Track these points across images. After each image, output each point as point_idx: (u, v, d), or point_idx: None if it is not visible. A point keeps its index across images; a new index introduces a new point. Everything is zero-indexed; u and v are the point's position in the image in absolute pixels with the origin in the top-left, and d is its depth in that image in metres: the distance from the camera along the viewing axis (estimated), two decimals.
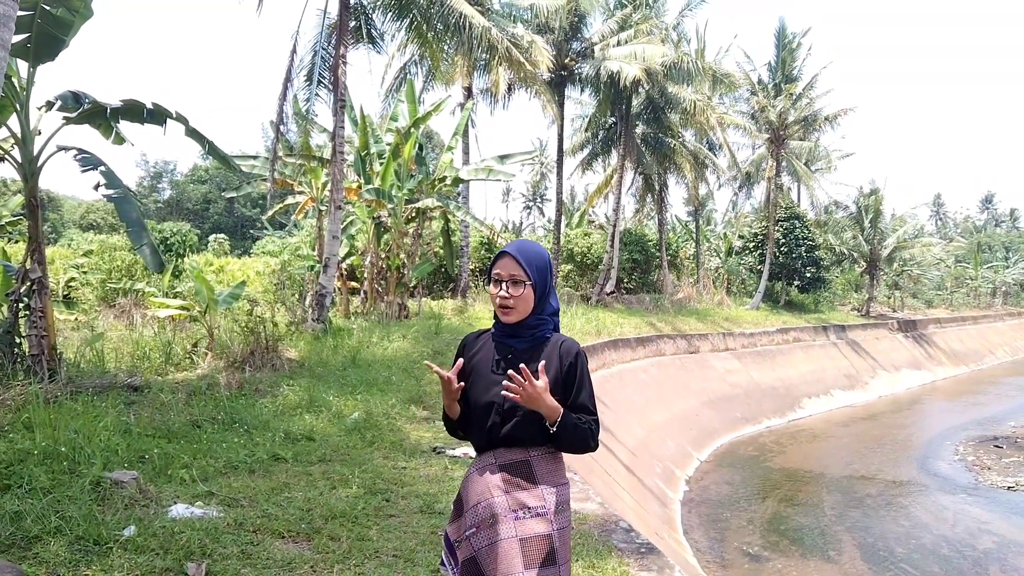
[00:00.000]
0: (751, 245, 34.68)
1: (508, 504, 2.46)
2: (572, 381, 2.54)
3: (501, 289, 2.55)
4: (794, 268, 32.59)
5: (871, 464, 17.34)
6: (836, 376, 27.17)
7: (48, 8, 7.73)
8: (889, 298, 42.59)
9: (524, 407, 2.43)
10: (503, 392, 2.40)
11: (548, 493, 2.50)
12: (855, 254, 38.13)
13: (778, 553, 11.44)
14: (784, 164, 32.75)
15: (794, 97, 31.67)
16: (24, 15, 7.43)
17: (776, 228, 32.18)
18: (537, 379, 2.38)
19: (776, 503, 14.24)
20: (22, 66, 8.24)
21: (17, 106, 8.14)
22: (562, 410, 2.45)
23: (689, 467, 16.33)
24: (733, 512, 13.63)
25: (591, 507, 5.83)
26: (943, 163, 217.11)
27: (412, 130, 17.25)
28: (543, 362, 2.44)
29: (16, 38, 7.08)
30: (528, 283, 2.54)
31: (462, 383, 2.57)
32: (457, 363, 2.59)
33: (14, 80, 8.11)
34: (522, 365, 2.37)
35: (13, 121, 8.25)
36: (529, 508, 2.46)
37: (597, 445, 2.57)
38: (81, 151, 8.33)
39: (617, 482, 11.84)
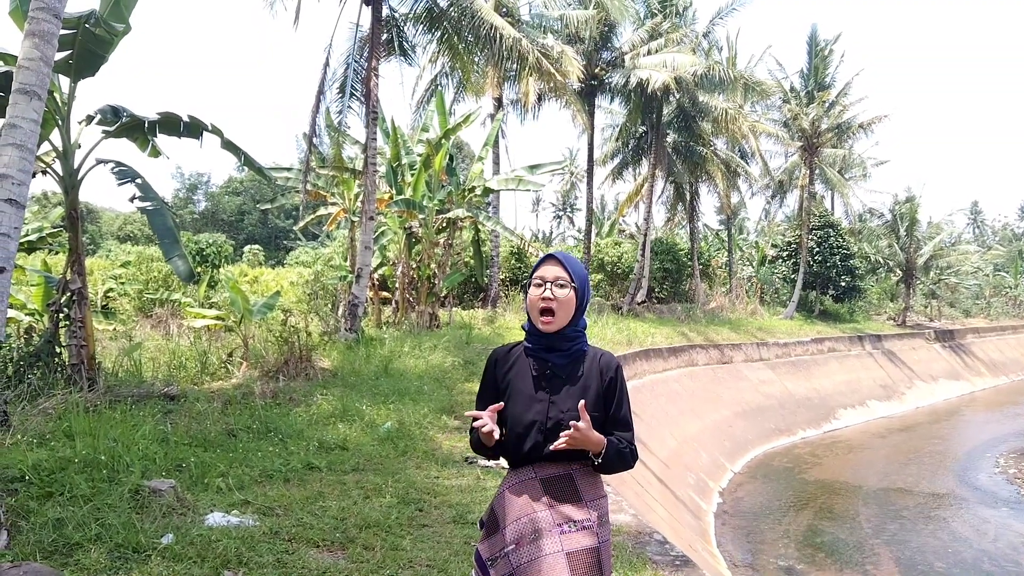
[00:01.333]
0: (784, 254, 34.33)
1: (553, 518, 2.39)
2: (612, 396, 2.51)
3: (545, 290, 2.47)
4: (828, 277, 32.20)
5: (908, 476, 17.03)
6: (872, 387, 26.76)
7: (89, 27, 7.90)
8: (926, 307, 41.91)
9: (566, 426, 2.37)
10: (559, 444, 2.33)
11: (592, 506, 2.45)
12: (890, 263, 37.60)
13: (814, 566, 11.27)
14: (817, 172, 32.42)
15: (827, 104, 31.37)
16: (66, 33, 7.60)
17: (810, 237, 31.84)
18: (579, 420, 2.35)
19: (811, 515, 14.03)
20: (64, 81, 8.43)
21: (59, 120, 8.33)
22: (606, 441, 2.42)
23: (722, 478, 16.17)
24: (767, 524, 13.46)
25: (624, 518, 5.79)
26: (981, 170, 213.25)
27: (443, 141, 17.35)
28: (582, 402, 2.38)
29: (59, 55, 7.25)
30: (572, 286, 2.49)
31: (501, 403, 2.48)
32: (493, 407, 2.46)
33: (56, 95, 8.29)
34: (573, 422, 2.33)
35: (55, 135, 8.44)
36: (575, 521, 2.40)
37: (636, 461, 2.56)
38: (118, 164, 8.49)
39: (649, 493, 11.75)
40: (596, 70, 23.58)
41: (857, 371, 27.19)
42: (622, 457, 2.46)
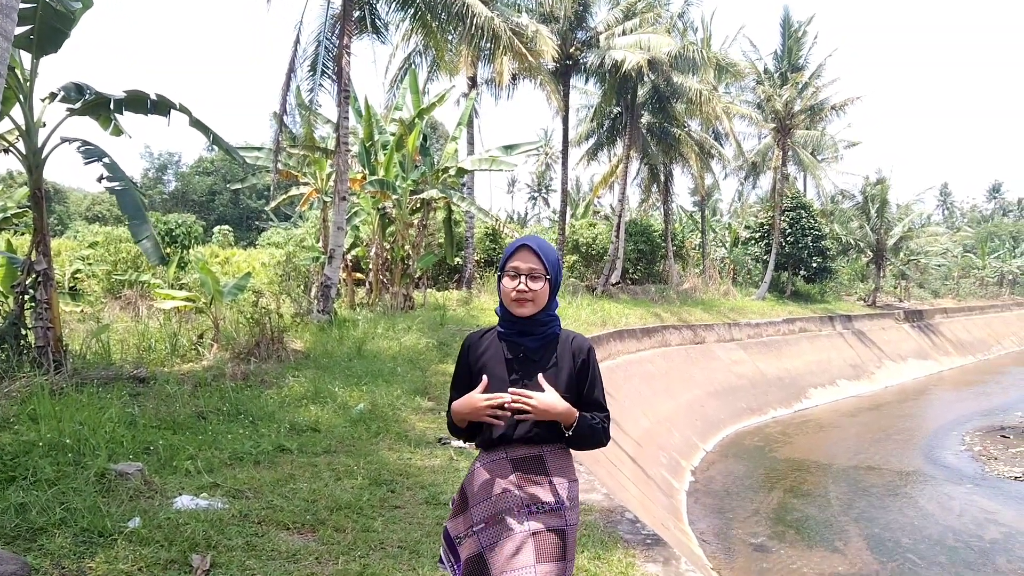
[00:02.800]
0: (757, 235, 34.58)
1: (522, 499, 2.41)
2: (585, 378, 2.53)
3: (519, 283, 2.46)
4: (800, 258, 32.48)
5: (877, 454, 17.30)
6: (842, 366, 27.11)
7: (49, 1, 7.70)
8: (895, 288, 42.49)
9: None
10: (513, 405, 2.35)
11: (561, 488, 2.47)
12: (861, 244, 38.02)
13: (784, 543, 11.43)
14: (790, 154, 32.60)
15: (800, 86, 31.49)
16: (26, 7, 7.41)
17: (782, 218, 32.07)
18: (543, 390, 2.38)
19: (782, 493, 14.22)
20: (25, 58, 8.22)
21: (21, 97, 8.14)
22: (578, 414, 2.44)
23: (695, 458, 16.32)
24: (739, 502, 13.62)
25: (596, 498, 5.81)
26: (950, 152, 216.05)
27: (416, 120, 17.20)
28: (540, 375, 2.43)
29: (19, 29, 7.07)
30: (547, 277, 2.49)
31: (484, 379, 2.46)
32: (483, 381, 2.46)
33: (17, 72, 8.09)
34: (521, 390, 2.36)
35: (17, 113, 8.25)
36: (543, 503, 2.42)
37: (608, 440, 2.57)
38: (85, 143, 8.33)
39: (623, 473, 11.83)
40: (571, 50, 23.46)
41: (828, 351, 27.52)
42: (594, 432, 2.48)
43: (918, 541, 11.64)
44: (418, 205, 17.56)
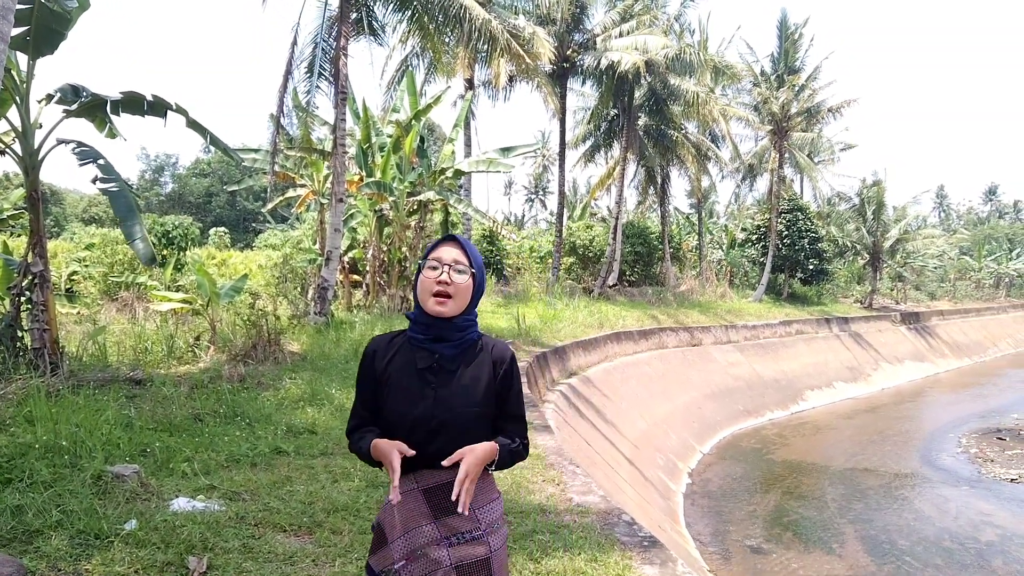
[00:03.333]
0: (754, 237, 34.62)
1: (439, 531, 2.23)
2: (507, 389, 2.34)
3: (442, 272, 2.26)
4: (797, 260, 32.53)
5: (874, 457, 17.32)
6: (839, 368, 27.13)
7: (45, 2, 7.69)
8: (892, 290, 42.54)
9: (454, 424, 2.22)
10: (451, 460, 2.16)
11: (480, 513, 2.28)
12: (858, 246, 38.06)
13: (781, 546, 11.44)
14: (787, 156, 32.65)
15: (797, 88, 31.55)
16: (23, 8, 7.40)
17: (779, 220, 32.11)
18: (468, 423, 2.24)
19: (779, 496, 14.23)
20: (22, 59, 8.21)
21: (17, 99, 8.13)
22: (498, 449, 2.25)
23: (692, 460, 16.32)
24: (736, 504, 13.62)
25: (593, 500, 5.81)
26: (946, 155, 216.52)
27: (413, 122, 17.20)
28: (460, 455, 2.18)
29: (15, 31, 7.06)
30: (471, 272, 2.30)
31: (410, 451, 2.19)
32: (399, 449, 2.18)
33: (14, 73, 8.08)
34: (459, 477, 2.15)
35: (13, 114, 8.25)
36: (462, 533, 2.24)
37: (527, 455, 2.42)
38: (80, 144, 8.31)
39: (619, 475, 11.83)
40: (568, 52, 23.52)
41: (824, 353, 27.54)
42: (514, 456, 2.33)
43: (915, 543, 11.65)
44: (415, 207, 17.56)
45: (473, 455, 2.18)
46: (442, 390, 2.25)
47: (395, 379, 2.28)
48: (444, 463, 2.17)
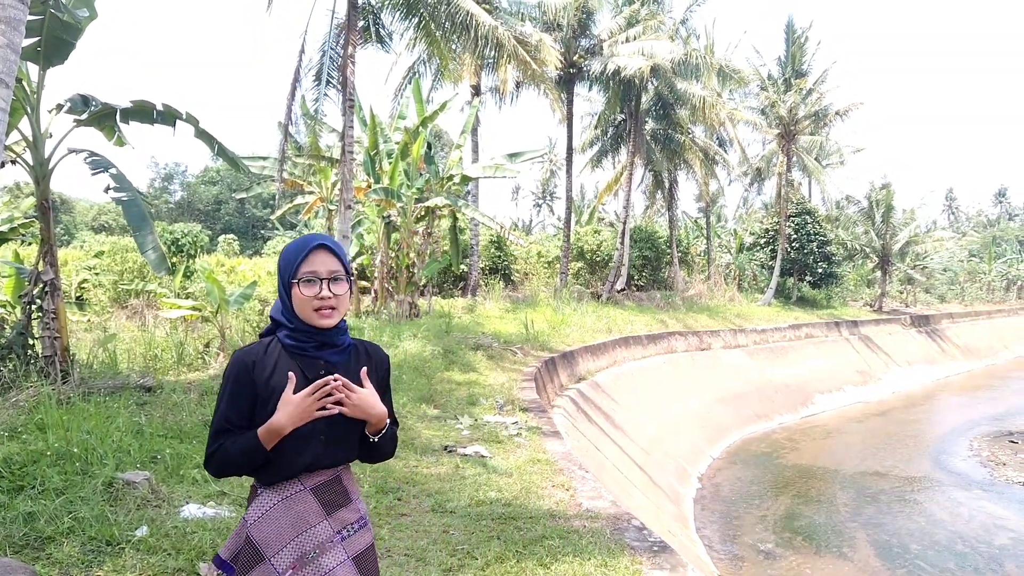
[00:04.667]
0: (762, 241, 34.55)
1: (332, 527, 2.18)
2: (386, 390, 2.31)
3: (321, 289, 2.14)
4: (806, 264, 32.45)
5: (885, 460, 17.24)
6: (849, 372, 27.03)
7: (56, 12, 7.75)
8: (901, 293, 42.37)
9: (348, 429, 2.18)
10: (330, 405, 2.08)
11: (359, 503, 2.29)
12: (867, 249, 37.96)
13: (791, 550, 11.39)
14: (795, 159, 32.60)
15: (804, 92, 31.52)
16: (33, 19, 7.46)
17: (787, 224, 32.04)
18: (362, 386, 2.15)
19: (789, 500, 14.17)
20: (32, 69, 8.28)
21: (28, 109, 8.18)
22: (388, 419, 2.23)
23: (701, 464, 16.28)
24: (746, 509, 13.57)
25: (603, 505, 5.81)
26: (955, 158, 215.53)
27: (420, 129, 17.25)
28: (364, 368, 2.20)
29: (26, 42, 7.11)
30: (349, 278, 2.21)
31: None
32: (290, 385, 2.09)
33: (25, 84, 8.14)
34: (339, 376, 2.10)
35: (24, 124, 8.30)
36: (353, 523, 2.23)
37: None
38: (92, 154, 8.37)
39: (629, 480, 11.81)
40: (575, 58, 23.56)
41: (834, 357, 27.45)
42: (394, 440, 2.31)
43: (926, 547, 11.59)
44: (423, 213, 17.60)
45: (374, 397, 2.17)
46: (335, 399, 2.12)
47: (279, 392, 2.11)
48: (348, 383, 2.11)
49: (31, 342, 8.22)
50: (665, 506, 12.51)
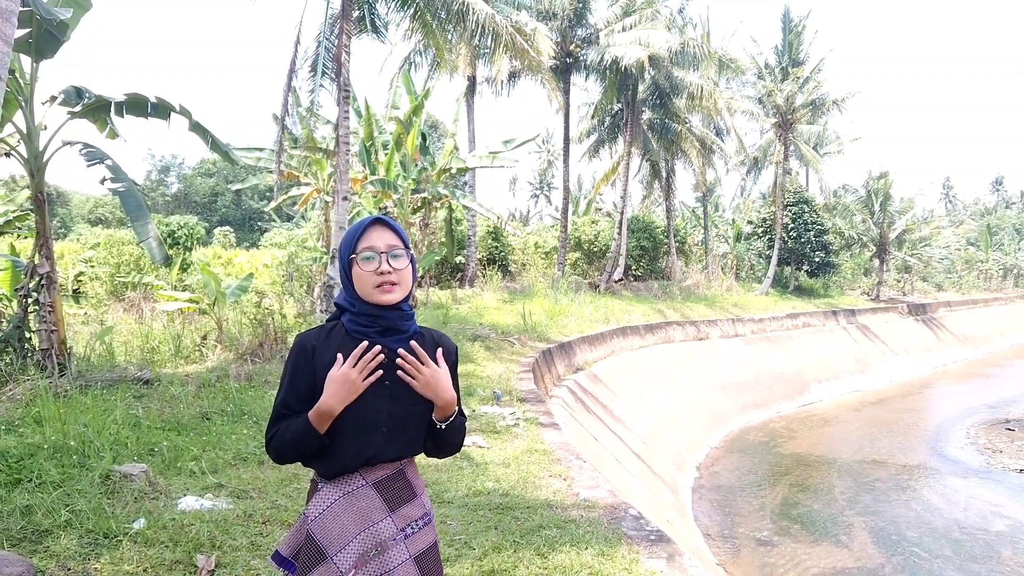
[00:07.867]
0: (760, 230, 34.55)
1: (396, 524, 2.10)
2: (456, 380, 2.21)
3: (380, 264, 2.05)
4: (803, 253, 32.46)
5: (882, 448, 17.28)
6: (846, 361, 27.07)
7: (47, 3, 7.71)
8: (899, 282, 42.42)
9: (411, 420, 2.11)
10: (398, 372, 2.02)
11: (425, 498, 2.21)
12: (864, 238, 37.96)
13: (789, 538, 11.43)
14: (792, 148, 32.57)
15: (801, 81, 31.46)
16: (25, 11, 7.41)
17: (785, 213, 32.04)
18: (438, 365, 2.08)
19: (787, 488, 14.21)
20: (25, 61, 8.23)
21: (22, 101, 8.15)
22: (457, 405, 2.14)
23: (699, 453, 16.31)
24: (744, 498, 13.61)
25: (600, 494, 5.81)
26: (953, 146, 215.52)
27: (413, 119, 17.20)
28: (440, 349, 2.12)
29: (18, 33, 7.07)
30: (409, 253, 2.13)
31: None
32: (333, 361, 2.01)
33: (18, 76, 8.11)
34: (413, 344, 2.03)
35: (18, 117, 8.27)
36: (417, 520, 2.15)
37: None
38: (87, 145, 8.35)
39: (627, 469, 11.83)
40: (571, 47, 23.48)
41: (831, 345, 27.49)
42: (463, 431, 2.22)
43: (923, 534, 11.63)
44: (419, 204, 17.58)
45: (447, 379, 2.09)
46: (397, 387, 2.06)
47: None
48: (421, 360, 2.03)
49: (28, 335, 8.23)
50: (663, 495, 12.54)
